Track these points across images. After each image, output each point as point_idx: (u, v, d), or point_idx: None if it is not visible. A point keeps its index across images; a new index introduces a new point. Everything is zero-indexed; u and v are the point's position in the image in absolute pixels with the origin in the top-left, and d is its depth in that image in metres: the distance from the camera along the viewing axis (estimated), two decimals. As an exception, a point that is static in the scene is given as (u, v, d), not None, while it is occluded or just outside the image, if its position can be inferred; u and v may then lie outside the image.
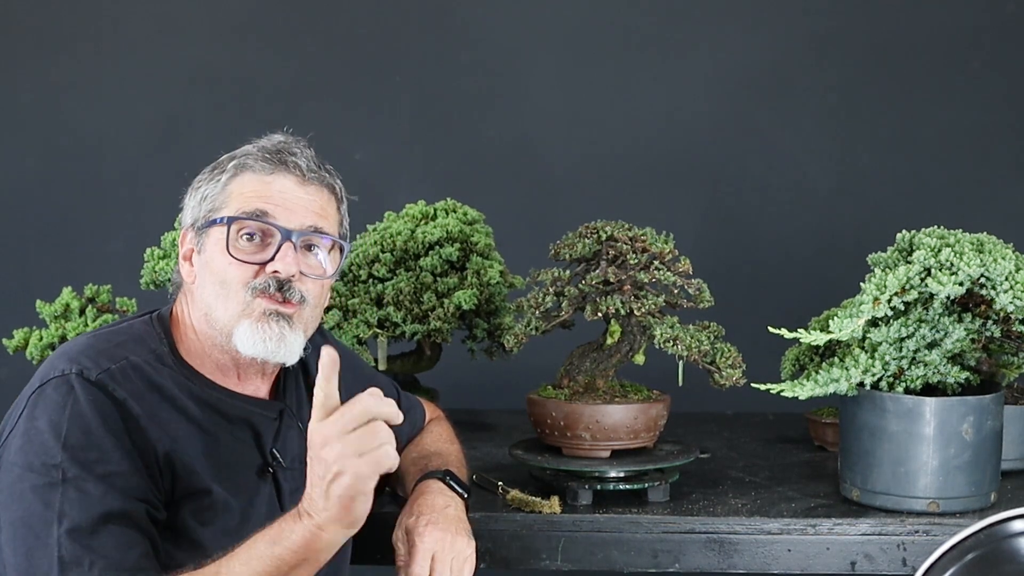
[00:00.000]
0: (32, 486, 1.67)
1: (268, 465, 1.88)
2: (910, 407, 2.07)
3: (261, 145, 1.87)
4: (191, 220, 1.87)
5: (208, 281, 1.82)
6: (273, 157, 1.84)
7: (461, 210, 2.64)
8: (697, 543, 2.08)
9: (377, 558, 2.10)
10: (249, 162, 1.84)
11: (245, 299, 1.80)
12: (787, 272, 3.43)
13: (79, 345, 1.79)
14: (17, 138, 3.50)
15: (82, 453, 1.67)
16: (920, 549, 2.05)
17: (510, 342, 2.21)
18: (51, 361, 1.77)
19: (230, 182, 1.84)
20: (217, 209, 1.83)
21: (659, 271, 2.16)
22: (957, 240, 2.13)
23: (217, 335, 1.82)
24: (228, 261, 1.80)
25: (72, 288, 2.53)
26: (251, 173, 1.83)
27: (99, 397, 1.71)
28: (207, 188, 1.85)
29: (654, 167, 3.46)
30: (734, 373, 2.15)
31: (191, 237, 1.86)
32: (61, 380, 1.72)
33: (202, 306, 1.83)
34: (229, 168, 1.85)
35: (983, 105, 3.42)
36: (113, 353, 1.77)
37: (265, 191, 1.82)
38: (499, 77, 3.48)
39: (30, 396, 1.74)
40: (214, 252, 1.82)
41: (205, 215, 1.84)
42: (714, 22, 3.45)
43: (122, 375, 1.74)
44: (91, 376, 1.72)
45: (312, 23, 3.48)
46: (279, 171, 1.83)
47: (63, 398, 1.70)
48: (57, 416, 1.69)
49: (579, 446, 2.16)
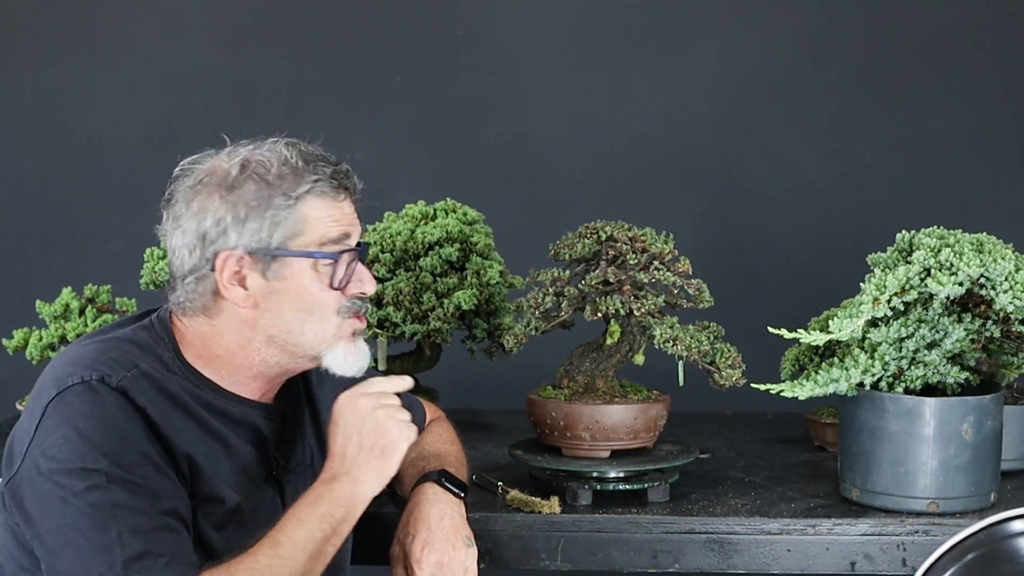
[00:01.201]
0: (73, 492, 1.66)
1: (272, 469, 1.89)
2: (910, 407, 2.07)
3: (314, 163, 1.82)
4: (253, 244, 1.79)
5: (289, 308, 1.81)
6: (339, 180, 1.83)
7: (461, 210, 2.64)
8: (697, 543, 2.08)
9: (377, 558, 2.10)
10: (322, 186, 1.81)
11: (338, 322, 1.84)
12: (787, 272, 3.43)
13: (90, 353, 1.76)
14: (17, 138, 3.50)
15: (120, 456, 1.67)
16: (920, 549, 2.05)
17: (510, 342, 2.22)
18: (61, 368, 1.75)
19: (300, 207, 1.80)
20: (294, 237, 1.80)
21: (659, 271, 2.16)
22: (957, 240, 2.13)
23: (291, 357, 1.84)
24: (322, 288, 1.81)
25: (72, 288, 2.53)
26: (320, 197, 1.81)
27: (124, 403, 1.70)
28: (265, 216, 1.79)
29: (654, 167, 3.46)
30: (734, 373, 2.15)
31: (249, 262, 1.79)
32: (83, 387, 1.70)
33: (271, 331, 1.81)
34: (295, 194, 1.80)
35: (983, 105, 3.42)
36: (125, 360, 1.75)
37: (339, 215, 1.83)
38: (499, 77, 3.48)
39: (48, 404, 1.71)
40: (302, 281, 1.81)
41: (281, 242, 1.80)
42: (714, 22, 3.45)
43: (137, 383, 1.73)
44: (112, 383, 1.71)
45: (312, 23, 3.48)
46: (342, 191, 1.84)
47: (88, 405, 1.69)
48: (86, 423, 1.68)
49: (579, 446, 2.16)
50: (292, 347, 1.83)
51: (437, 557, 1.89)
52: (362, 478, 1.79)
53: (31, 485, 1.69)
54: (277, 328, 1.81)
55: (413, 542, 1.92)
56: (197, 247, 1.80)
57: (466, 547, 1.92)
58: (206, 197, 1.80)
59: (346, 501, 1.78)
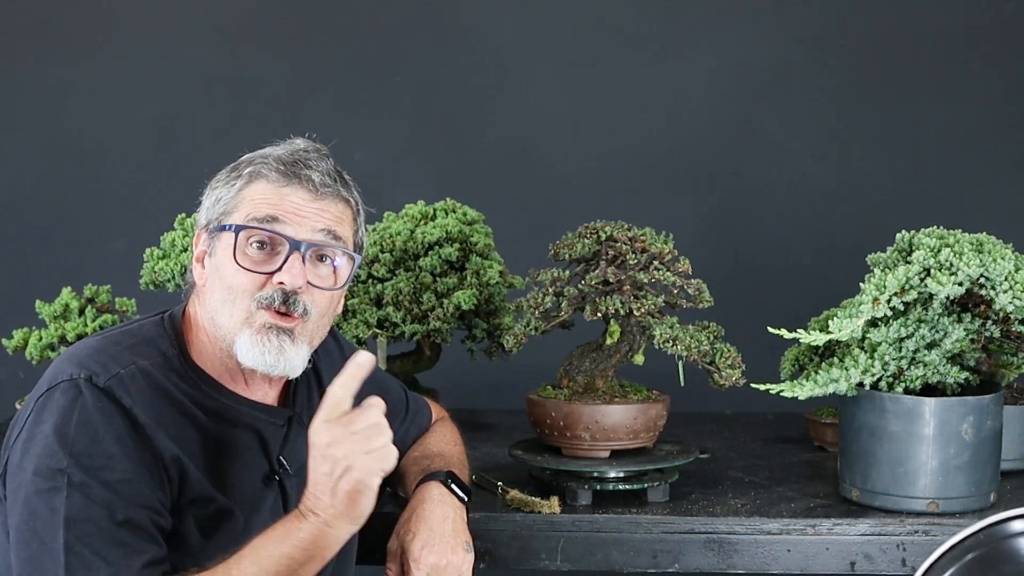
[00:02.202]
0: (37, 490, 1.67)
1: (275, 473, 1.87)
2: (910, 407, 2.07)
3: (279, 154, 1.84)
4: (205, 221, 1.86)
5: (216, 286, 1.81)
6: (288, 169, 1.82)
7: (461, 210, 2.64)
8: (696, 543, 2.08)
9: (377, 558, 2.10)
10: (264, 170, 1.82)
11: (249, 309, 1.79)
12: (787, 272, 3.43)
13: (88, 348, 1.77)
14: (17, 138, 3.50)
15: (88, 459, 1.67)
16: (920, 549, 2.05)
17: (510, 342, 2.21)
18: (60, 364, 1.76)
19: (244, 188, 1.82)
20: (228, 213, 1.82)
21: (659, 271, 2.16)
22: (957, 240, 2.13)
23: (221, 341, 1.82)
24: (235, 268, 1.79)
25: (72, 288, 2.53)
26: (265, 182, 1.82)
27: (106, 404, 1.70)
28: (222, 191, 1.84)
29: (654, 167, 3.46)
30: (733, 373, 2.14)
31: (204, 239, 1.85)
32: (69, 384, 1.71)
33: (210, 310, 1.82)
34: (245, 174, 1.83)
35: (983, 105, 3.42)
36: (121, 357, 1.76)
37: (277, 200, 1.81)
38: (499, 77, 3.48)
39: (38, 399, 1.73)
40: (223, 258, 1.81)
41: (217, 218, 1.83)
42: (714, 22, 3.45)
43: (131, 380, 1.73)
44: (99, 382, 1.71)
45: (312, 23, 3.48)
46: (293, 183, 1.82)
47: (70, 403, 1.70)
48: (63, 421, 1.69)
49: (579, 446, 2.16)
50: (217, 328, 1.81)
51: (435, 559, 1.89)
52: (332, 522, 1.70)
53: (11, 477, 1.71)
54: (211, 307, 1.82)
55: (413, 540, 1.91)
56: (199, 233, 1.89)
57: (465, 552, 1.91)
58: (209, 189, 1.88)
59: (312, 545, 1.70)
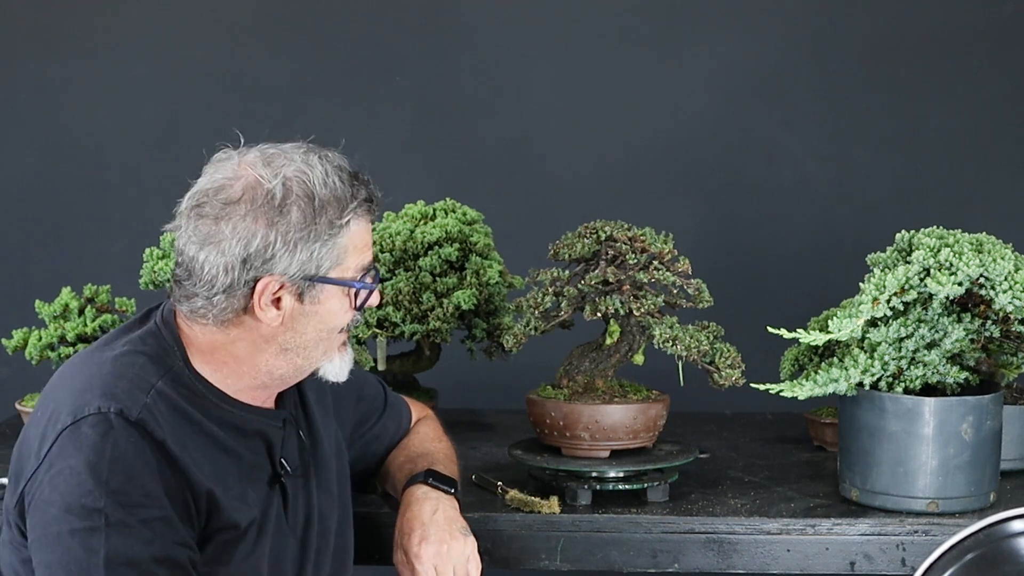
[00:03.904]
0: (71, 529, 1.64)
1: (278, 474, 1.88)
2: (909, 407, 2.07)
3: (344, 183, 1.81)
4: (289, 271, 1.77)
5: (313, 327, 1.82)
6: (365, 200, 1.83)
7: (460, 210, 2.64)
8: (696, 543, 2.08)
9: (376, 558, 2.11)
10: (360, 212, 1.81)
11: (342, 337, 1.87)
12: (787, 272, 3.43)
13: (107, 376, 1.73)
14: (17, 138, 3.50)
15: (125, 497, 1.65)
16: (919, 549, 2.05)
17: (509, 342, 2.22)
18: (80, 394, 1.71)
19: (343, 235, 1.80)
20: (337, 266, 1.80)
21: (658, 271, 2.16)
22: (956, 240, 2.13)
23: (296, 370, 1.85)
24: (347, 311, 1.83)
25: (71, 288, 2.53)
26: (359, 223, 1.82)
27: (140, 439, 1.68)
28: (315, 246, 1.77)
29: (654, 167, 3.46)
30: (733, 373, 2.14)
31: (289, 286, 1.78)
32: (100, 419, 1.68)
33: (287, 345, 1.81)
34: (340, 225, 1.79)
35: (983, 105, 3.42)
36: (142, 381, 1.73)
37: (369, 237, 1.86)
38: (499, 77, 3.48)
39: (62, 431, 1.68)
40: (332, 305, 1.82)
41: (318, 272, 1.79)
42: (714, 22, 3.45)
43: (157, 410, 1.71)
44: (132, 415, 1.68)
45: (312, 23, 3.48)
46: (369, 210, 1.84)
47: (101, 439, 1.66)
48: (96, 458, 1.65)
49: (578, 446, 2.16)
50: (302, 361, 1.84)
51: (435, 548, 1.90)
52: None
53: (35, 511, 1.68)
54: (294, 343, 1.82)
55: (410, 539, 1.92)
56: (236, 268, 1.76)
57: (463, 536, 1.93)
58: (252, 221, 1.75)
59: None
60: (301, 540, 1.91)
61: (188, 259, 1.78)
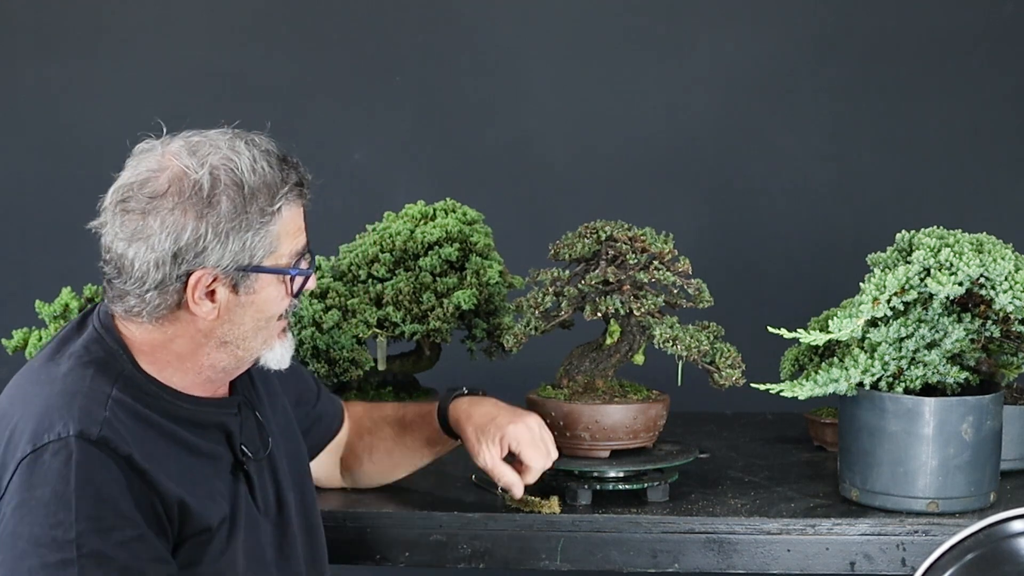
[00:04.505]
0: (43, 563, 1.58)
1: (240, 463, 1.84)
2: (909, 407, 2.07)
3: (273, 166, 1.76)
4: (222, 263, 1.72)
5: (250, 317, 1.78)
6: (296, 183, 1.78)
7: (460, 210, 2.63)
8: (696, 543, 2.08)
9: (376, 558, 2.11)
10: (288, 198, 1.76)
11: (280, 324, 1.83)
12: (787, 272, 3.43)
13: (59, 393, 1.67)
14: (17, 138, 3.50)
15: (97, 523, 1.60)
16: (919, 549, 2.05)
17: (509, 342, 2.22)
18: (35, 419, 1.65)
19: (275, 222, 1.76)
20: (270, 254, 1.76)
21: (658, 271, 2.16)
22: (956, 240, 2.13)
23: (238, 361, 1.81)
24: (285, 300, 1.80)
25: (72, 288, 2.53)
26: (288, 207, 1.77)
27: (104, 459, 1.63)
28: (247, 236, 1.73)
29: (654, 167, 3.46)
30: (733, 373, 2.14)
31: (222, 278, 1.73)
32: (60, 445, 1.62)
33: (226, 338, 1.77)
34: (272, 211, 1.75)
35: (983, 105, 3.42)
36: (96, 394, 1.68)
37: (301, 222, 1.81)
38: (499, 77, 3.48)
39: (22, 460, 1.62)
40: (268, 294, 1.78)
41: (251, 262, 1.74)
42: (714, 22, 3.45)
43: (116, 420, 1.66)
44: (93, 435, 1.63)
45: (312, 23, 3.48)
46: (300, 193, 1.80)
47: (64, 466, 1.61)
48: (63, 486, 1.60)
49: (578, 446, 2.16)
50: (243, 352, 1.80)
51: (521, 424, 2.04)
52: None
53: (1, 545, 1.61)
54: (232, 335, 1.78)
55: (494, 430, 2.02)
56: (167, 263, 1.71)
57: (528, 412, 2.07)
58: (181, 214, 1.70)
59: None
60: (276, 522, 1.87)
61: (116, 256, 1.74)
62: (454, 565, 2.11)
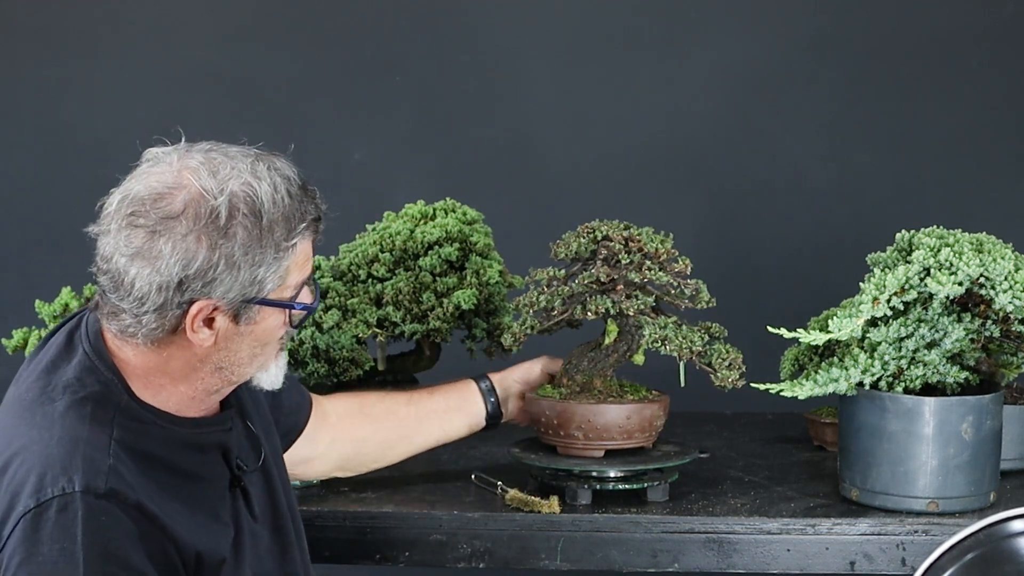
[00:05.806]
0: None
1: (238, 479, 1.81)
2: (909, 407, 2.07)
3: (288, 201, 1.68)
4: (228, 295, 1.66)
5: (247, 346, 1.72)
6: (314, 219, 1.72)
7: (460, 210, 2.63)
8: (696, 543, 2.08)
9: (376, 558, 2.10)
10: (304, 235, 1.70)
11: (277, 348, 1.78)
12: (787, 272, 3.43)
13: (59, 440, 1.60)
14: (17, 137, 3.50)
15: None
16: (919, 549, 2.05)
17: (508, 341, 2.22)
18: (37, 469, 1.58)
19: (287, 258, 1.69)
20: (281, 288, 1.70)
21: (650, 271, 2.15)
22: (956, 240, 2.13)
23: (232, 385, 1.77)
24: (283, 327, 1.75)
25: (72, 288, 2.53)
26: (303, 243, 1.71)
27: (113, 511, 1.57)
28: (257, 270, 1.66)
29: (654, 167, 3.46)
30: (730, 374, 2.14)
31: (224, 308, 1.67)
32: (65, 501, 1.55)
33: (221, 363, 1.72)
34: (288, 247, 1.68)
35: (983, 105, 3.42)
36: (98, 438, 1.61)
37: (310, 251, 1.75)
38: (499, 77, 3.48)
39: (24, 514, 1.56)
40: (269, 324, 1.72)
41: (259, 295, 1.68)
42: (714, 22, 3.45)
43: (121, 465, 1.60)
44: (100, 489, 1.57)
45: (312, 23, 3.48)
46: (317, 234, 1.75)
47: (71, 522, 1.55)
48: (71, 545, 1.54)
49: (572, 445, 2.16)
50: (236, 376, 1.75)
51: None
52: None
53: None
54: (228, 362, 1.72)
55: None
56: (171, 289, 1.63)
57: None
58: (195, 240, 1.62)
59: None
60: (272, 528, 1.85)
61: (115, 270, 1.66)
62: (454, 565, 2.11)
